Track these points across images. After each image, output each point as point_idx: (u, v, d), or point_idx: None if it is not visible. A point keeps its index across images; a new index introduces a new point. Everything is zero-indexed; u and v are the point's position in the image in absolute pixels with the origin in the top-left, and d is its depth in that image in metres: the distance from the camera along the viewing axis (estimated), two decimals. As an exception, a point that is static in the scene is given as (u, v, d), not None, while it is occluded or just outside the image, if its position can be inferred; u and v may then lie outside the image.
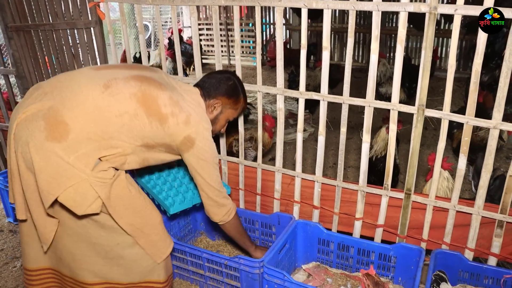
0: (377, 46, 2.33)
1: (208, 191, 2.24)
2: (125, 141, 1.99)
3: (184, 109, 2.11)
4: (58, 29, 3.45)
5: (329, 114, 2.92)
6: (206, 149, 2.15)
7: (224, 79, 2.33)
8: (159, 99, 2.04)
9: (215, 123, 2.35)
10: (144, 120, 1.99)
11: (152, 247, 2.16)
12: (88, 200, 1.91)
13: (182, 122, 2.07)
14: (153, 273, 2.23)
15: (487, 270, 2.43)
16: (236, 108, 2.40)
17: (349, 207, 2.77)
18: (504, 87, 2.10)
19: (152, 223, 2.17)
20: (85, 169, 1.88)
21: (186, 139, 2.09)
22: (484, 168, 2.30)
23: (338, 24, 8.89)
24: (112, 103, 1.95)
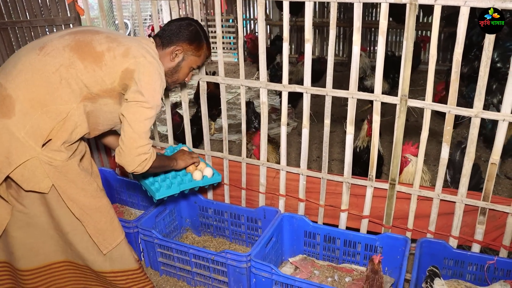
0: (359, 38, 2.34)
1: (128, 132, 1.99)
2: (66, 101, 1.91)
3: (123, 43, 1.99)
4: (36, 26, 3.39)
5: (312, 108, 2.93)
6: (147, 85, 1.97)
7: (184, 25, 2.21)
8: (93, 41, 1.96)
9: (177, 71, 2.25)
10: (79, 66, 1.91)
11: (99, 236, 2.12)
12: (37, 177, 1.90)
13: (120, 55, 1.95)
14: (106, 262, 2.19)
15: (471, 257, 2.46)
16: (199, 55, 2.27)
17: (335, 199, 2.78)
18: (484, 76, 2.13)
19: (102, 210, 2.12)
20: (35, 146, 1.86)
21: (124, 73, 1.95)
22: (467, 157, 2.32)
23: (319, 19, 8.91)
24: (47, 61, 1.90)
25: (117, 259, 2.21)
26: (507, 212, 2.36)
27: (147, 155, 2.04)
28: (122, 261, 2.23)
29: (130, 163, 2.02)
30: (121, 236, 2.21)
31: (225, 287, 2.61)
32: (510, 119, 2.15)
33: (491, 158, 2.29)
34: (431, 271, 2.27)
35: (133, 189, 3.38)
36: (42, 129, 1.88)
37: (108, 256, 2.18)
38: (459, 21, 2.10)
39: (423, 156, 2.45)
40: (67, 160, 1.96)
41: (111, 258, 2.19)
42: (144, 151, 2.02)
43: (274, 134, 5.04)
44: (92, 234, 2.10)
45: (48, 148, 1.90)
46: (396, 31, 8.20)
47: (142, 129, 1.99)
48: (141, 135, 1.99)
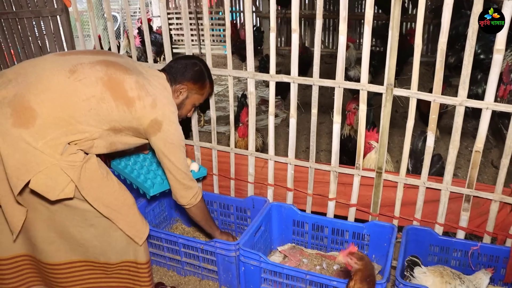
0: (345, 28, 2.36)
1: (175, 174, 2.25)
2: (92, 126, 1.98)
3: (150, 92, 2.11)
4: (22, 18, 3.37)
5: (302, 99, 2.96)
6: (173, 131, 2.16)
7: (190, 65, 2.33)
8: (125, 83, 2.04)
9: (181, 108, 2.36)
10: (111, 104, 1.99)
11: (132, 228, 2.18)
12: (60, 185, 1.90)
13: (149, 105, 2.08)
14: (130, 253, 2.25)
15: (456, 243, 2.51)
16: (202, 94, 2.41)
17: (323, 187, 2.80)
18: (468, 64, 2.16)
19: (128, 203, 2.18)
20: (54, 154, 1.88)
21: (153, 122, 2.09)
22: (452, 145, 2.36)
23: (308, 11, 8.92)
24: (78, 88, 1.95)
25: (146, 249, 2.30)
26: (490, 199, 2.40)
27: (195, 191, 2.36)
28: (147, 251, 2.33)
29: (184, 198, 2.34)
30: (148, 225, 2.31)
31: (215, 276, 2.63)
32: (493, 108, 2.19)
33: (475, 146, 2.32)
34: (409, 261, 2.30)
35: (122, 182, 3.38)
36: (63, 142, 1.92)
37: (143, 247, 2.26)
38: (443, 10, 2.13)
39: (409, 144, 2.48)
40: (85, 158, 2.00)
41: (145, 248, 2.29)
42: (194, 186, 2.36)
43: (264, 125, 5.07)
44: (125, 229, 2.16)
45: (66, 153, 1.92)
46: (386, 23, 8.22)
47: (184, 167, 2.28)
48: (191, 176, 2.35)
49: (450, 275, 2.22)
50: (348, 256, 1.78)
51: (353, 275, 1.80)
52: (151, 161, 2.81)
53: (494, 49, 2.10)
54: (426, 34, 7.89)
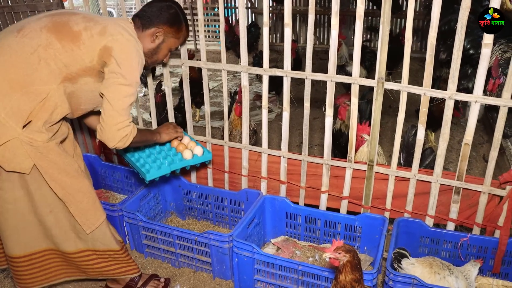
0: (337, 22, 2.39)
1: (108, 110, 2.04)
2: (46, 82, 1.96)
3: (100, 22, 2.04)
4: (18, 12, 3.39)
5: (296, 95, 2.99)
6: (125, 62, 2.01)
7: (165, 7, 2.25)
8: (70, 22, 2.00)
9: (157, 53, 2.31)
10: (57, 46, 1.95)
11: (82, 216, 2.18)
12: (18, 158, 1.94)
13: (97, 34, 2.00)
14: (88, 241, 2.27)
15: (446, 235, 2.55)
16: (178, 37, 2.34)
17: (315, 180, 2.84)
18: (457, 58, 2.20)
19: (84, 190, 2.18)
20: (16, 127, 1.91)
21: (102, 51, 1.99)
22: (441, 137, 2.39)
23: (303, 7, 8.93)
24: (25, 42, 1.94)
25: (99, 239, 2.28)
26: (479, 191, 2.44)
27: (127, 131, 2.09)
28: (104, 241, 2.30)
29: (111, 139, 2.07)
30: (102, 216, 2.27)
31: (209, 267, 2.67)
32: (481, 101, 2.23)
33: (464, 139, 2.36)
34: (396, 253, 2.32)
35: (118, 175, 3.42)
36: (22, 110, 1.91)
37: (90, 236, 2.25)
38: (433, 5, 2.16)
39: (400, 137, 2.52)
40: (48, 141, 2.01)
41: (93, 238, 2.26)
42: (123, 126, 2.06)
43: (258, 120, 5.10)
44: (75, 214, 2.16)
45: (29, 129, 1.94)
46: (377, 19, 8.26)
47: (121, 106, 2.03)
48: (120, 112, 2.03)
49: (439, 265, 2.26)
50: (336, 251, 1.79)
51: (342, 268, 1.81)
52: (160, 149, 2.77)
53: (483, 44, 2.14)
54: (420, 30, 7.94)
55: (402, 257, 2.31)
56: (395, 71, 5.60)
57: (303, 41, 9.20)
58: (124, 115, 2.06)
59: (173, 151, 2.70)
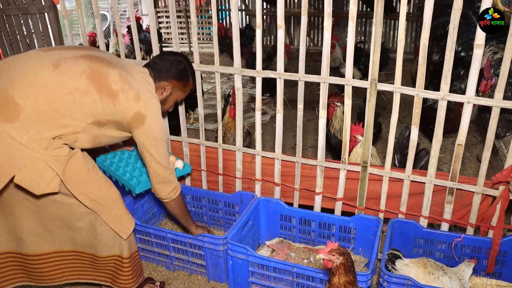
0: (329, 24, 2.40)
1: (155, 168, 2.26)
2: (76, 119, 2.00)
3: (134, 86, 2.13)
4: (9, 15, 3.37)
5: (290, 97, 2.99)
6: (156, 125, 2.18)
7: (175, 62, 2.36)
8: (109, 76, 2.06)
9: (164, 104, 2.40)
10: (95, 96, 2.01)
11: (116, 222, 2.21)
12: (46, 179, 1.93)
13: (133, 98, 2.10)
14: (116, 247, 2.28)
15: (440, 235, 2.55)
16: (185, 91, 2.46)
17: (310, 181, 2.84)
18: (449, 59, 2.21)
19: (113, 198, 2.21)
20: (39, 148, 1.90)
21: (136, 115, 2.11)
22: (435, 138, 2.40)
23: (297, 9, 8.96)
24: (62, 81, 1.96)
25: (131, 243, 2.35)
26: (472, 191, 2.45)
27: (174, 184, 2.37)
28: (133, 244, 2.38)
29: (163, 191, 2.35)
30: (133, 220, 2.35)
31: (203, 270, 2.66)
32: (474, 101, 2.24)
33: (457, 139, 2.37)
34: (390, 254, 2.33)
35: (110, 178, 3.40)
36: (47, 137, 1.93)
37: (127, 241, 2.30)
38: (425, 7, 2.17)
39: (393, 138, 2.52)
40: (70, 152, 2.03)
41: (129, 242, 2.33)
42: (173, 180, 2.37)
43: (253, 122, 5.10)
44: (110, 222, 2.19)
45: (51, 148, 1.95)
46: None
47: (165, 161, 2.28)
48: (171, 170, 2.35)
49: (433, 266, 2.26)
50: (330, 253, 1.79)
51: (335, 270, 1.81)
52: (136, 159, 2.84)
53: (474, 45, 2.15)
54: (414, 32, 7.98)
55: (396, 258, 2.31)
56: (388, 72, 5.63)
57: (297, 43, 9.22)
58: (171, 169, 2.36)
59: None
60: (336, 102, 3.48)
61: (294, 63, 6.40)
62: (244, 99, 5.87)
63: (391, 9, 7.63)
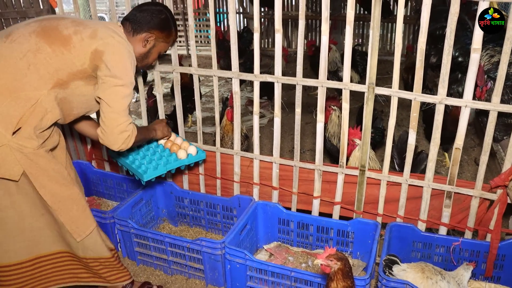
0: (327, 28, 2.40)
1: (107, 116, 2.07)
2: (36, 88, 1.95)
3: (89, 25, 2.04)
4: (7, 18, 3.36)
5: (288, 100, 2.99)
6: (118, 62, 2.03)
7: (156, 12, 2.27)
8: (59, 26, 2.00)
9: (147, 57, 2.34)
10: (47, 51, 1.95)
11: (71, 224, 2.17)
12: (7, 164, 1.93)
13: (88, 37, 2.00)
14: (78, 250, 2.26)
15: (438, 239, 2.55)
16: (168, 41, 2.38)
17: (308, 185, 2.84)
18: (447, 63, 2.21)
19: (74, 198, 2.17)
20: (5, 133, 1.90)
21: (93, 54, 2.00)
22: (432, 142, 2.40)
23: (294, 12, 8.96)
24: (14, 48, 1.94)
25: (89, 247, 2.27)
26: (470, 195, 2.45)
27: (129, 132, 2.12)
28: (95, 249, 2.28)
29: (114, 141, 2.11)
30: (93, 224, 2.26)
31: (201, 274, 2.65)
32: (471, 105, 2.24)
33: (455, 143, 2.37)
34: (387, 260, 2.32)
35: (109, 181, 3.40)
36: (12, 116, 1.90)
37: (81, 244, 2.23)
38: (422, 10, 2.17)
39: (390, 143, 2.52)
40: (37, 148, 1.99)
41: (84, 246, 2.25)
42: (125, 128, 2.10)
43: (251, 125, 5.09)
44: (65, 222, 2.14)
45: (19, 136, 1.93)
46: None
47: (120, 108, 2.06)
48: (120, 113, 2.06)
49: (431, 270, 2.26)
50: (328, 258, 1.79)
51: (333, 275, 1.80)
52: (148, 147, 2.79)
53: (471, 48, 2.15)
54: (412, 34, 7.98)
55: (393, 264, 2.31)
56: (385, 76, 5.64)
57: (295, 46, 9.23)
58: (124, 116, 2.09)
59: (167, 152, 2.72)
60: (332, 106, 3.48)
61: (292, 66, 6.42)
62: (242, 102, 5.88)
63: (388, 12, 7.64)
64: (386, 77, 5.65)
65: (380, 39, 2.35)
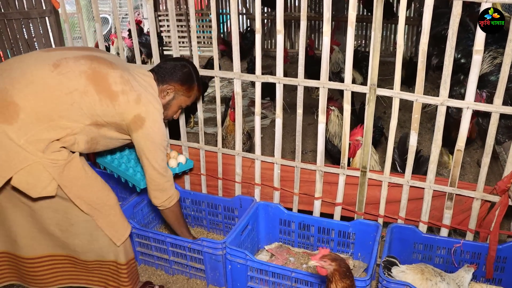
0: (328, 29, 2.40)
1: (152, 174, 2.25)
2: (74, 121, 1.99)
3: (135, 88, 2.11)
4: (11, 19, 3.38)
5: (291, 101, 2.99)
6: (156, 130, 2.16)
7: (179, 66, 2.34)
8: (109, 77, 2.05)
9: (167, 109, 2.36)
10: (94, 97, 2.00)
11: (111, 228, 2.20)
12: (43, 182, 1.92)
13: (133, 101, 2.08)
14: (110, 253, 2.27)
15: (439, 241, 2.54)
16: (189, 96, 2.40)
17: (309, 186, 2.84)
18: (448, 65, 2.21)
19: (110, 204, 2.21)
20: (36, 151, 1.90)
21: (136, 118, 2.09)
22: (434, 144, 2.40)
23: (297, 13, 8.95)
24: (62, 81, 1.96)
25: (127, 250, 2.32)
26: (472, 197, 2.44)
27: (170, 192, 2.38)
28: (130, 252, 2.36)
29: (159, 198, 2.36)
30: (129, 227, 2.33)
31: (202, 274, 2.66)
32: (473, 107, 2.24)
33: (456, 145, 2.37)
34: (385, 261, 2.31)
35: (112, 181, 3.40)
36: (44, 139, 1.93)
37: (122, 248, 2.28)
38: (424, 12, 2.17)
39: (392, 144, 2.52)
40: (68, 157, 2.02)
41: (125, 249, 2.30)
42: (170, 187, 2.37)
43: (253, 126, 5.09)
44: (104, 228, 2.18)
45: (49, 151, 1.94)
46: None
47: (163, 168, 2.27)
48: (168, 177, 2.34)
49: (431, 272, 2.25)
50: (322, 260, 1.78)
51: (331, 277, 1.80)
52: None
53: (474, 50, 2.15)
54: (415, 36, 7.98)
55: (391, 265, 2.30)
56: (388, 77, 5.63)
57: (297, 46, 9.23)
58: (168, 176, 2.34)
59: None
60: (330, 106, 3.48)
61: (294, 66, 6.42)
62: (245, 102, 5.88)
63: (391, 13, 7.64)
64: (389, 78, 5.63)
65: (382, 41, 2.35)
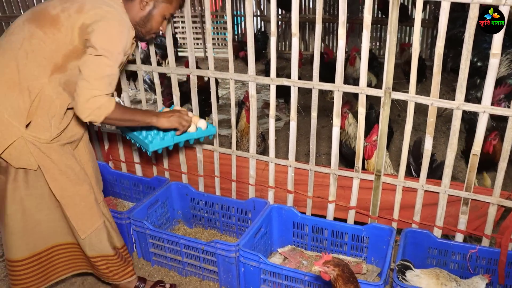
0: (344, 32, 2.40)
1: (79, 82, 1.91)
2: (37, 77, 1.95)
3: (77, 0, 1.96)
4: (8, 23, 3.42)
5: (305, 104, 2.98)
6: (102, 35, 1.90)
7: None
8: (48, 7, 1.98)
9: (149, 20, 2.17)
10: (39, 34, 1.93)
11: (77, 220, 2.20)
12: (25, 155, 1.99)
13: (74, 12, 1.92)
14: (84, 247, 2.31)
15: (454, 246, 2.52)
16: (170, 2, 2.17)
17: (322, 190, 2.83)
18: (465, 68, 2.18)
19: (82, 194, 2.20)
20: (19, 126, 1.95)
21: (81, 29, 1.91)
22: (449, 148, 2.38)
23: (312, 15, 8.95)
24: (12, 40, 1.97)
25: (96, 245, 2.30)
26: (488, 202, 2.42)
27: (99, 102, 1.91)
28: (96, 248, 2.31)
29: (82, 110, 1.92)
30: (98, 221, 2.28)
31: (215, 276, 2.66)
32: (490, 111, 2.21)
33: (472, 149, 2.34)
34: (399, 265, 2.29)
35: (126, 182, 3.44)
36: (22, 109, 1.95)
37: (87, 241, 2.27)
38: (440, 15, 2.15)
39: (406, 148, 2.50)
40: (50, 140, 2.04)
41: (90, 243, 2.28)
42: (93, 96, 1.90)
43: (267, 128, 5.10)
44: (71, 217, 2.18)
45: (32, 128, 1.98)
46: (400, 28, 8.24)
47: (93, 76, 1.91)
48: (91, 81, 1.90)
49: (446, 277, 2.24)
50: (325, 265, 1.78)
51: (334, 282, 1.79)
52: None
53: (491, 53, 2.13)
54: (430, 38, 7.91)
55: (406, 269, 2.29)
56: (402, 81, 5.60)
57: (312, 49, 9.22)
58: (97, 85, 1.90)
59: None
60: (347, 110, 3.47)
61: (307, 68, 6.42)
62: (259, 104, 5.89)
63: (406, 16, 7.59)
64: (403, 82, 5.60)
65: (397, 43, 2.34)
